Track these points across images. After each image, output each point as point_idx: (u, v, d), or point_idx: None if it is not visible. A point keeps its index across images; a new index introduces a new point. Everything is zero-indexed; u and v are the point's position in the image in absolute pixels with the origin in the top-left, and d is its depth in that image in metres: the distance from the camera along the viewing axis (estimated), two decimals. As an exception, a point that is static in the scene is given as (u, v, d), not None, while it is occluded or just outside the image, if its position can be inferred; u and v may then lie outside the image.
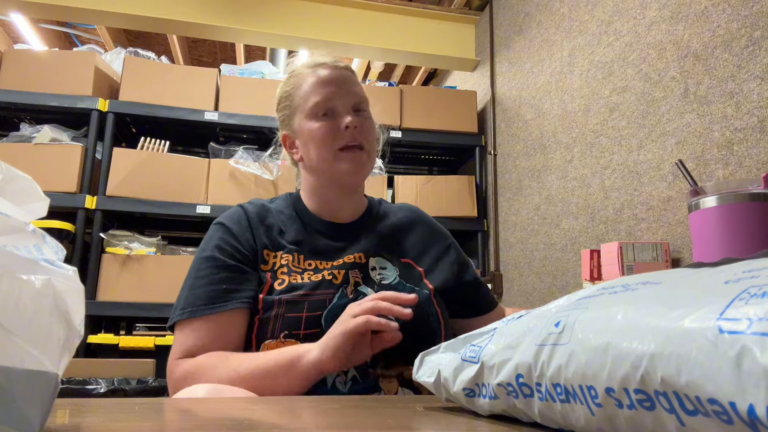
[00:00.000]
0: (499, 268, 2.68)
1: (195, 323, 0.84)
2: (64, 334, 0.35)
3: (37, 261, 0.35)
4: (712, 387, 0.24)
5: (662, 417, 0.28)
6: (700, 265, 0.38)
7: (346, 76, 0.97)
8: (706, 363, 0.25)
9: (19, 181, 0.38)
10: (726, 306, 0.26)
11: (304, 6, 2.90)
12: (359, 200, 1.03)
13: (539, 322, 0.39)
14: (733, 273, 0.30)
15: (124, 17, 2.75)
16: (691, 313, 0.27)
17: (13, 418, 0.31)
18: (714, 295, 0.28)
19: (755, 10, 1.32)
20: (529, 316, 0.42)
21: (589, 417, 0.33)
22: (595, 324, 0.33)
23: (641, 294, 0.34)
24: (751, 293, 0.26)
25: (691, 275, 0.34)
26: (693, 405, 0.26)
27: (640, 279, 0.38)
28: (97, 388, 1.85)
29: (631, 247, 1.49)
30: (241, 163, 2.59)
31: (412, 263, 0.98)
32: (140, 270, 2.38)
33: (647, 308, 0.31)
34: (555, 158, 2.21)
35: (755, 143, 1.30)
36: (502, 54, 2.83)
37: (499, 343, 0.42)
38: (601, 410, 0.32)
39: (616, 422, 0.31)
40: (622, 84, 1.81)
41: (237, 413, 0.51)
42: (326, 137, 0.93)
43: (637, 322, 0.30)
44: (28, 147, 2.45)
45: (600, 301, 0.36)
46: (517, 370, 0.39)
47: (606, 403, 0.31)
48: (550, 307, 0.41)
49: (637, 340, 0.29)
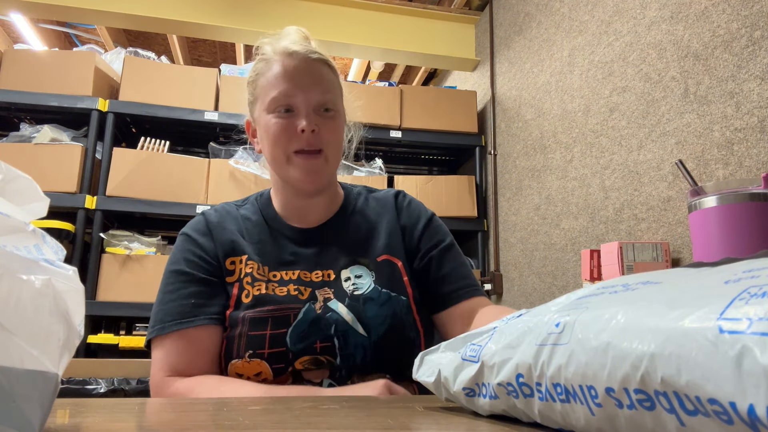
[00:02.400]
0: (499, 268, 2.68)
1: (168, 339, 0.81)
2: (64, 334, 0.35)
3: (37, 261, 0.35)
4: (713, 387, 0.24)
5: (662, 417, 0.28)
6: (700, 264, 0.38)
7: (314, 69, 0.86)
8: (706, 363, 0.25)
9: (19, 181, 0.38)
10: (726, 306, 0.26)
11: (304, 6, 2.90)
12: (329, 199, 0.95)
13: (539, 322, 0.39)
14: (733, 273, 0.30)
15: (124, 17, 2.75)
16: (691, 313, 0.27)
17: (13, 418, 0.31)
18: (714, 295, 0.28)
19: (755, 10, 1.32)
20: (529, 315, 0.42)
21: (589, 417, 0.33)
22: (595, 324, 0.33)
23: (641, 294, 0.34)
24: (752, 293, 0.26)
25: (692, 275, 0.34)
26: (693, 405, 0.26)
27: (641, 278, 0.38)
28: (97, 388, 1.85)
29: (631, 247, 1.49)
30: (240, 163, 2.60)
31: (390, 258, 0.90)
32: (140, 270, 2.38)
33: (647, 308, 0.31)
34: (555, 158, 2.21)
35: (755, 143, 1.30)
36: (502, 54, 2.83)
37: (500, 342, 0.42)
38: (601, 410, 0.32)
39: (616, 422, 0.31)
40: (622, 84, 1.81)
41: (237, 413, 0.51)
42: (280, 137, 0.84)
43: (637, 322, 0.30)
44: (28, 147, 2.45)
45: (600, 301, 0.36)
46: (517, 370, 0.39)
47: (606, 403, 0.31)
48: (550, 307, 0.41)
49: (637, 340, 0.29)
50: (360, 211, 0.96)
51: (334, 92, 0.88)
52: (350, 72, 4.00)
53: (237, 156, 2.64)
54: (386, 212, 0.96)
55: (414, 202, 0.99)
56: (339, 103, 0.90)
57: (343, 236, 0.92)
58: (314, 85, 0.85)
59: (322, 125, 0.85)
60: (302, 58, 0.86)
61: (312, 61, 0.86)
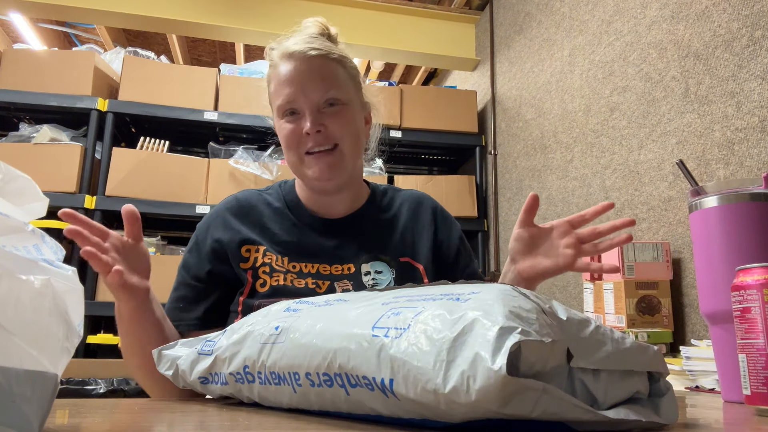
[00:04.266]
0: (499, 268, 2.68)
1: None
2: (63, 334, 0.34)
3: (36, 261, 0.35)
4: (365, 368, 0.40)
5: (337, 390, 0.43)
6: (376, 289, 0.55)
7: (315, 68, 0.86)
8: (364, 354, 0.40)
9: (18, 181, 0.38)
10: (377, 319, 0.42)
11: (304, 6, 2.90)
12: (353, 195, 0.95)
13: (262, 325, 0.52)
14: (388, 297, 0.46)
15: (124, 17, 2.75)
16: (358, 324, 0.42)
17: (12, 418, 0.30)
18: (374, 312, 0.43)
19: (756, 9, 1.32)
20: (258, 315, 0.56)
21: (292, 395, 0.47)
22: (302, 328, 0.47)
23: (335, 308, 0.48)
24: (392, 312, 0.41)
25: (368, 297, 0.49)
26: (355, 381, 0.41)
27: (337, 297, 0.53)
28: (96, 388, 1.85)
29: (631, 247, 1.49)
30: (240, 163, 2.59)
31: (411, 261, 0.92)
32: (140, 270, 2.37)
33: (335, 319, 0.45)
34: (555, 158, 2.21)
35: (756, 143, 1.30)
36: (503, 54, 2.83)
37: (231, 338, 0.55)
38: (300, 389, 0.46)
39: (309, 397, 0.46)
40: (622, 84, 1.81)
41: (237, 413, 0.51)
42: (290, 141, 0.86)
43: (329, 327, 0.45)
44: (27, 147, 2.45)
45: (308, 311, 0.50)
46: (245, 362, 0.51)
47: (304, 384, 0.45)
48: (272, 310, 0.55)
49: (328, 340, 0.43)
50: (385, 208, 0.98)
51: (339, 84, 0.87)
52: (350, 72, 3.99)
53: (237, 156, 2.64)
54: (418, 216, 0.98)
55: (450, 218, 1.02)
56: (349, 93, 0.89)
57: (367, 231, 0.93)
58: (314, 83, 0.85)
59: (329, 121, 0.85)
60: (301, 59, 0.86)
61: (311, 58, 0.86)
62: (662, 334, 1.33)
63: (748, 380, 0.58)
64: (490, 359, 0.33)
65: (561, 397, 0.34)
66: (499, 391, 0.32)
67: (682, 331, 1.47)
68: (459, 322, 0.36)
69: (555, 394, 0.34)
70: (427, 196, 1.03)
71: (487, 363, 0.33)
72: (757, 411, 0.58)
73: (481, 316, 0.36)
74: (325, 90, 0.85)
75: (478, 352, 0.34)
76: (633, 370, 0.41)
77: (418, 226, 0.97)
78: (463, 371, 0.34)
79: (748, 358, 0.59)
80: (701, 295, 0.77)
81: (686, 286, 1.49)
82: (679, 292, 1.50)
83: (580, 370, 0.38)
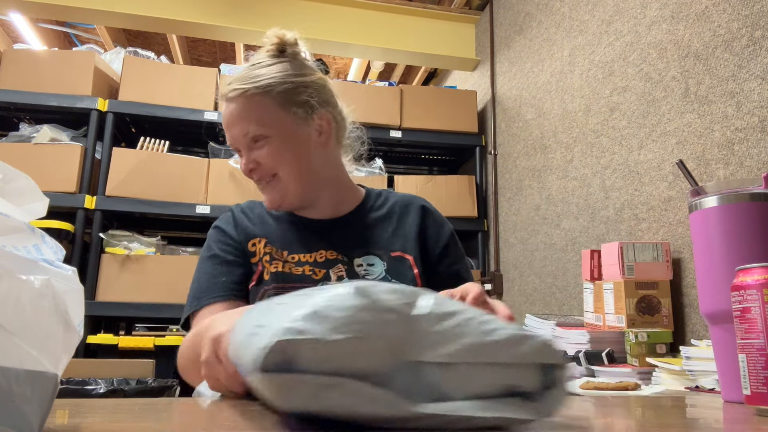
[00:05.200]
0: (499, 268, 2.68)
1: (202, 313, 0.88)
2: (63, 334, 0.34)
3: (36, 261, 0.35)
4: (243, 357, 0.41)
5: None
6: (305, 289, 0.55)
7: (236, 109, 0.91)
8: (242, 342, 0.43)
9: (18, 181, 0.38)
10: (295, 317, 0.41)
11: (304, 6, 2.90)
12: (336, 197, 1.00)
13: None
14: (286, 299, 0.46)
15: (124, 17, 2.75)
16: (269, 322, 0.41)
17: (12, 418, 0.30)
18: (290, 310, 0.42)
19: (756, 9, 1.32)
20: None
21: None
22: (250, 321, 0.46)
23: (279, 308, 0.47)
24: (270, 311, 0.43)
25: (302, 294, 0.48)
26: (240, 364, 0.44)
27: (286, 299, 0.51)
28: (96, 388, 1.85)
29: (631, 247, 1.49)
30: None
31: (402, 254, 0.96)
32: (140, 270, 2.37)
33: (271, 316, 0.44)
34: (555, 158, 2.21)
35: (756, 143, 1.30)
36: (503, 54, 2.83)
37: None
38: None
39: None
40: (622, 84, 1.81)
41: (237, 413, 0.51)
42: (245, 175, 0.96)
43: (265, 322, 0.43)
44: (27, 147, 2.45)
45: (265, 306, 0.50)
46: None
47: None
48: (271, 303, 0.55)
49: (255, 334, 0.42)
50: (378, 208, 1.02)
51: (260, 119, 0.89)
52: (350, 72, 4.00)
53: (237, 156, 2.63)
54: (408, 212, 1.02)
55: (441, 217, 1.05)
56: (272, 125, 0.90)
57: (360, 231, 0.98)
58: (236, 126, 0.91)
59: (259, 157, 0.91)
60: (227, 100, 0.92)
61: (231, 99, 0.91)
62: (662, 334, 1.33)
63: (748, 380, 0.58)
64: (261, 357, 0.35)
65: (357, 392, 0.35)
66: (267, 385, 0.35)
67: (682, 331, 1.47)
68: (261, 325, 0.39)
69: (346, 389, 0.35)
70: (420, 198, 1.07)
71: (258, 361, 0.36)
72: (757, 411, 0.58)
73: (275, 317, 0.38)
74: (245, 131, 0.90)
75: (255, 348, 0.37)
76: (507, 363, 0.39)
77: (407, 220, 1.01)
78: (248, 368, 0.38)
79: (748, 358, 0.59)
80: (701, 295, 0.77)
81: (686, 286, 1.49)
82: (679, 292, 1.50)
83: (429, 364, 0.37)
